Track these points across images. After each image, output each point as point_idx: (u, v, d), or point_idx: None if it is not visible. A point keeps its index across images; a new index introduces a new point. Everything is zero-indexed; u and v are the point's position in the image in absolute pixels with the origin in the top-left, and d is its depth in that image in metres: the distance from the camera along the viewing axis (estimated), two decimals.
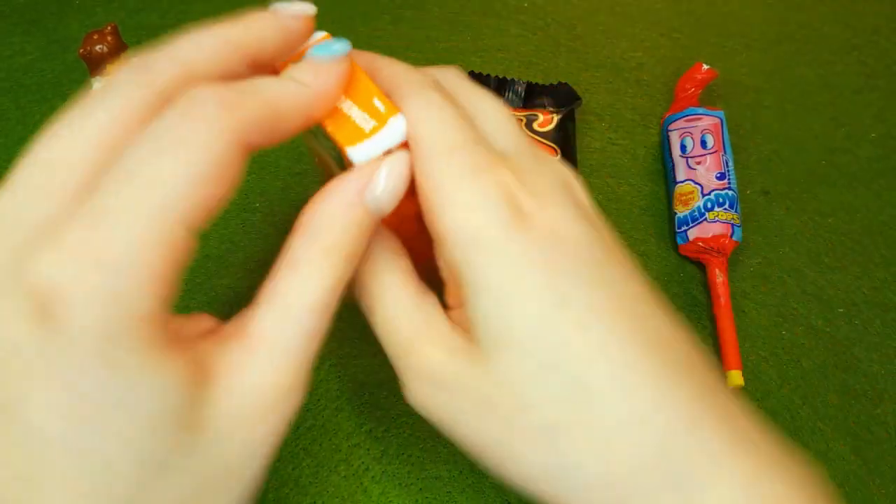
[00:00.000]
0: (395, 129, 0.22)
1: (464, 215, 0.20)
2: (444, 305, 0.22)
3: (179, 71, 0.18)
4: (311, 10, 0.21)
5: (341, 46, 0.21)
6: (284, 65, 0.22)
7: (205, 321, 0.20)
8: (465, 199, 0.20)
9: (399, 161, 0.21)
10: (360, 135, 0.22)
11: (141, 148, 0.17)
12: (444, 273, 0.22)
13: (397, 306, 0.21)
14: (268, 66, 0.21)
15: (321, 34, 0.23)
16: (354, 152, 0.21)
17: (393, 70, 0.23)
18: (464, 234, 0.20)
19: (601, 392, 0.19)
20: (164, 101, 0.18)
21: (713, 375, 0.20)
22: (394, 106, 0.22)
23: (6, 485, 0.15)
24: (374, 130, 0.22)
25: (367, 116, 0.22)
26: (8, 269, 0.16)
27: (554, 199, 0.21)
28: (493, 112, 0.23)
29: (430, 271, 0.24)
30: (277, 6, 0.21)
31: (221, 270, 0.37)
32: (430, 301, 0.22)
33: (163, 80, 0.18)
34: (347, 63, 0.21)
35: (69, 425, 0.15)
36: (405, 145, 0.22)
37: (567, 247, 0.20)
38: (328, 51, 0.21)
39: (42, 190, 0.17)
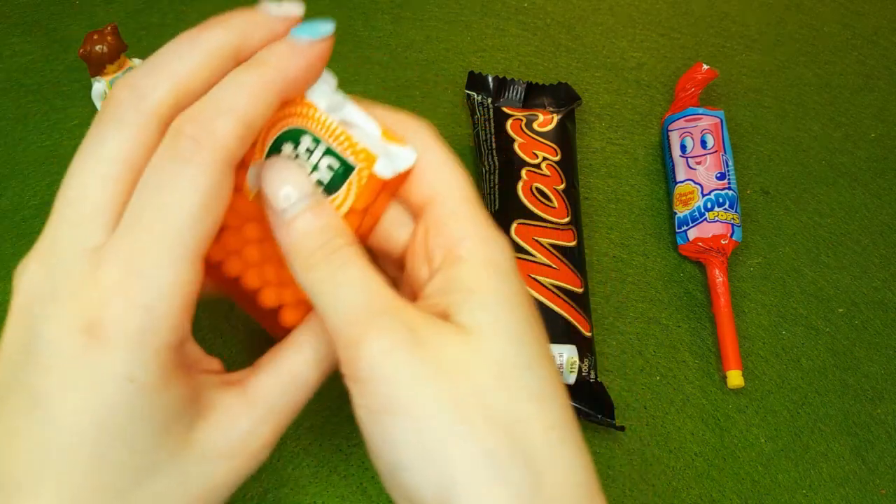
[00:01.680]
0: (404, 155, 0.23)
1: (490, 248, 0.22)
2: None
3: (170, 92, 0.20)
4: (298, 10, 0.22)
5: (326, 27, 0.22)
6: None
7: (214, 363, 0.23)
8: (492, 237, 0.22)
9: None
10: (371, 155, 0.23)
11: (146, 190, 0.19)
12: (433, 285, 0.23)
13: (372, 280, 0.21)
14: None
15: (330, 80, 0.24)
16: (379, 166, 0.23)
17: (398, 116, 0.24)
18: (488, 259, 0.22)
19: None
20: (162, 126, 0.20)
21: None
22: (395, 134, 0.23)
23: (18, 457, 0.18)
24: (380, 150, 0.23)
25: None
26: (64, 290, 0.19)
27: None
28: None
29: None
30: (266, 6, 0.22)
31: None
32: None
33: (156, 106, 0.19)
34: (328, 44, 0.22)
35: (87, 421, 0.18)
36: (406, 175, 0.23)
37: (532, 310, 0.22)
38: (310, 32, 0.22)
39: (78, 225, 0.19)
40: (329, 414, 0.34)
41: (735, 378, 0.35)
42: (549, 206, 0.37)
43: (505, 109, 0.41)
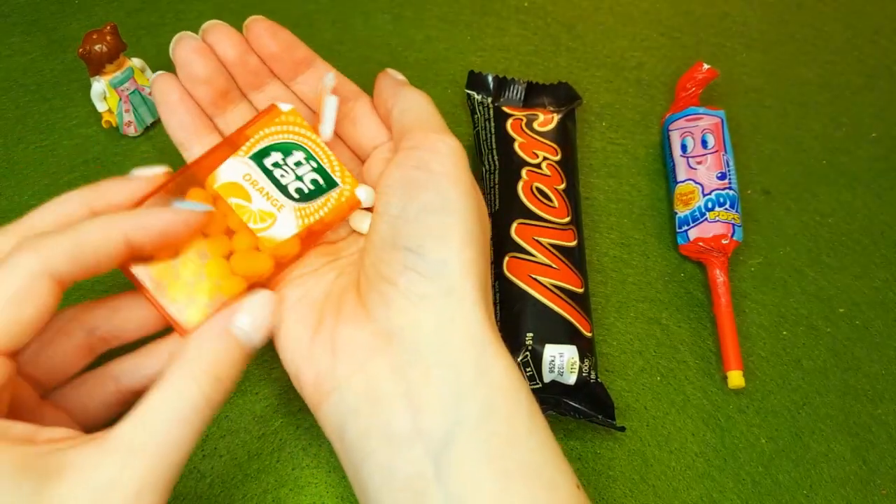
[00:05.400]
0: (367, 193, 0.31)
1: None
2: None
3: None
4: (160, 170, 0.28)
5: (200, 207, 0.27)
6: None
7: (61, 432, 0.23)
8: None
9: (263, 300, 0.26)
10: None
11: None
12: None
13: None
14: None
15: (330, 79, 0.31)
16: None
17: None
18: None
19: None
20: None
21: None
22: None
23: None
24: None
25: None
26: None
27: None
28: None
29: None
30: (134, 172, 0.28)
31: None
32: None
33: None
34: (194, 217, 0.26)
35: None
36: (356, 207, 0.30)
37: None
38: (188, 206, 0.27)
39: None
40: None
41: (736, 378, 0.35)
42: (550, 206, 0.37)
43: (505, 109, 0.41)
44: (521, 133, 0.40)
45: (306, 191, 0.29)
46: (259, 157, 0.28)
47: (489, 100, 0.42)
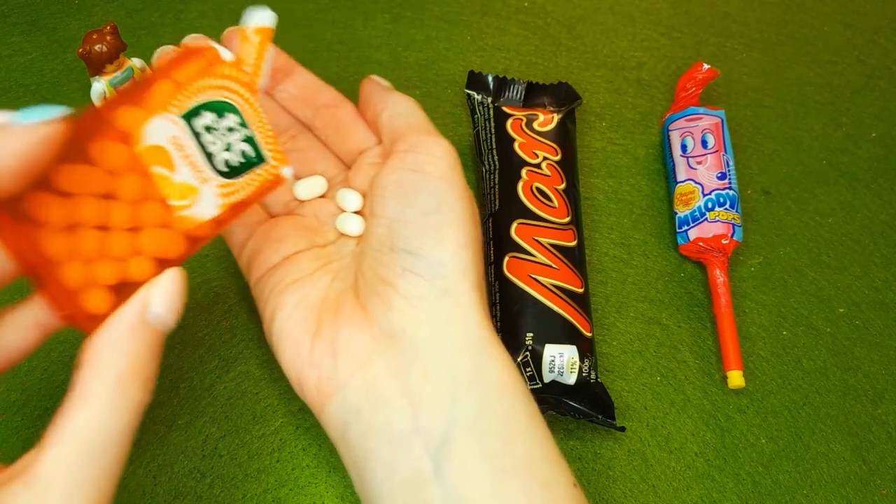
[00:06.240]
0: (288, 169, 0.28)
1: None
2: None
3: None
4: (49, 115, 0.20)
5: (50, 111, 0.20)
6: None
7: None
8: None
9: (172, 278, 0.23)
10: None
11: None
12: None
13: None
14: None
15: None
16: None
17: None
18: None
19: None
20: None
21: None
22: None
23: None
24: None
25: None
26: None
27: None
28: None
29: None
30: (11, 119, 0.19)
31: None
32: None
33: None
34: (50, 127, 0.20)
35: None
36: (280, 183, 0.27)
37: None
38: (31, 115, 0.20)
39: None
40: None
41: (736, 378, 0.35)
42: (550, 206, 0.37)
43: (505, 109, 0.41)
44: (521, 133, 0.40)
45: (234, 164, 0.25)
46: (190, 117, 0.24)
47: (489, 100, 0.42)
